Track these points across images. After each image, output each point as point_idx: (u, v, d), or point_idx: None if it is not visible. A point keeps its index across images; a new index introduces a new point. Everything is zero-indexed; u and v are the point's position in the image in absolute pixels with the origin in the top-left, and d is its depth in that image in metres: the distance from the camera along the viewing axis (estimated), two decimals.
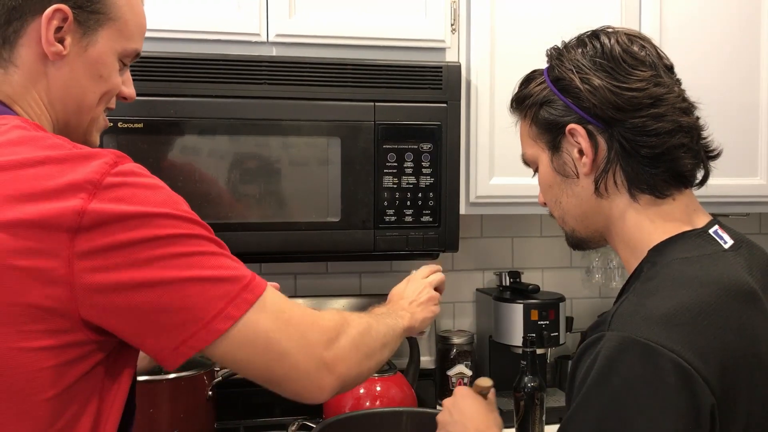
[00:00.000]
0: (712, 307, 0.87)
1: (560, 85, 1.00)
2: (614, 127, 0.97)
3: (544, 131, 1.03)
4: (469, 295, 2.23)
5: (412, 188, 1.72)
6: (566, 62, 1.01)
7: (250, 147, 1.66)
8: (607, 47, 0.99)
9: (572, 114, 0.99)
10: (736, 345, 0.86)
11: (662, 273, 0.92)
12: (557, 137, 1.02)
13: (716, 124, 1.05)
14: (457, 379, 2.05)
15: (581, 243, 1.08)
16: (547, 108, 1.02)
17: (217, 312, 0.85)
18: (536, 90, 1.04)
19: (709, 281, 0.90)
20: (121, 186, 0.82)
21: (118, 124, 1.58)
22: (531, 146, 1.07)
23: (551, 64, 1.04)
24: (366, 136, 1.69)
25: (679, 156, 0.97)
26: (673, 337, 0.83)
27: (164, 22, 1.64)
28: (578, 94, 0.98)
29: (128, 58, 1.00)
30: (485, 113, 1.81)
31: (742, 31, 1.97)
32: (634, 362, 0.83)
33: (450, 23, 1.79)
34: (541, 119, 1.03)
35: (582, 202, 1.02)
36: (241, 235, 1.65)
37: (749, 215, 2.31)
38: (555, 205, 1.07)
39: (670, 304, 0.87)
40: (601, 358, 0.85)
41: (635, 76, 0.97)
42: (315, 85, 1.67)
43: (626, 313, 0.89)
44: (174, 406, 1.62)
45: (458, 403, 1.22)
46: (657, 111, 0.96)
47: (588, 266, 2.26)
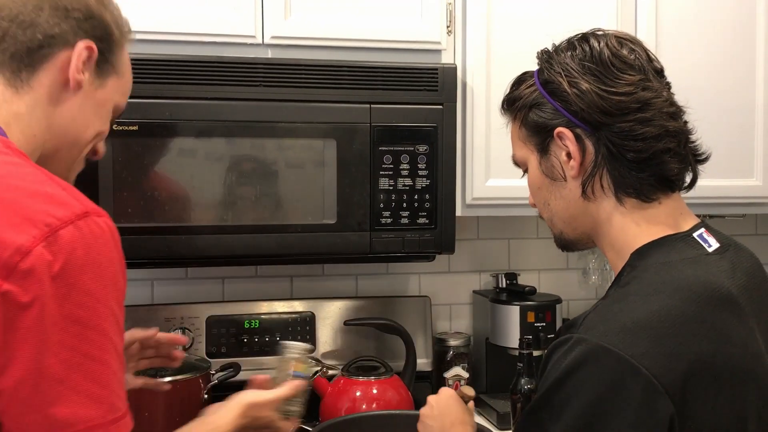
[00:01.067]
0: (683, 314, 0.88)
1: (549, 88, 1.01)
2: (601, 131, 0.98)
3: (533, 134, 1.04)
4: (466, 297, 2.22)
5: (408, 190, 1.72)
6: (555, 65, 1.01)
7: (245, 149, 1.65)
8: (596, 51, 0.99)
9: (560, 117, 1.00)
10: (704, 352, 0.87)
11: (639, 278, 0.94)
12: (546, 140, 1.03)
13: (712, 125, 1.05)
14: (454, 382, 2.04)
15: (569, 245, 1.09)
16: (536, 111, 1.03)
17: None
18: (526, 92, 1.05)
19: (683, 286, 0.91)
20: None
21: (113, 127, 1.57)
22: (521, 148, 1.08)
23: (541, 67, 1.05)
24: (362, 138, 1.69)
25: (666, 160, 0.97)
26: (638, 345, 0.84)
27: (159, 24, 1.63)
28: (566, 97, 0.99)
29: (117, 113, 1.11)
30: (481, 115, 1.81)
31: (738, 32, 1.97)
32: (599, 371, 0.84)
33: (446, 25, 1.78)
34: (530, 122, 1.04)
35: (569, 205, 1.03)
36: (236, 237, 1.65)
37: (745, 216, 2.31)
38: (544, 207, 1.08)
39: (641, 311, 0.88)
40: (568, 361, 0.86)
41: (623, 80, 0.97)
42: (310, 87, 1.66)
43: (597, 318, 0.90)
44: (169, 409, 1.61)
45: (441, 400, 1.26)
46: (644, 115, 0.96)
47: (585, 268, 2.26)
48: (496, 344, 2.03)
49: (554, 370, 0.88)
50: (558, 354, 0.89)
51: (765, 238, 2.46)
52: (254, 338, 1.94)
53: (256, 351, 1.94)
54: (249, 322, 1.95)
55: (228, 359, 1.87)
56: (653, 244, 0.97)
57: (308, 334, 1.98)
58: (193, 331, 1.91)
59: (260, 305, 1.99)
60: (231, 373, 1.73)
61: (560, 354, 0.89)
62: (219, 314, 1.94)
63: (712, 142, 1.09)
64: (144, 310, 1.92)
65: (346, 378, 1.81)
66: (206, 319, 1.93)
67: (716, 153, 1.10)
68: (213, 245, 1.64)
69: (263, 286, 2.08)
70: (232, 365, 1.76)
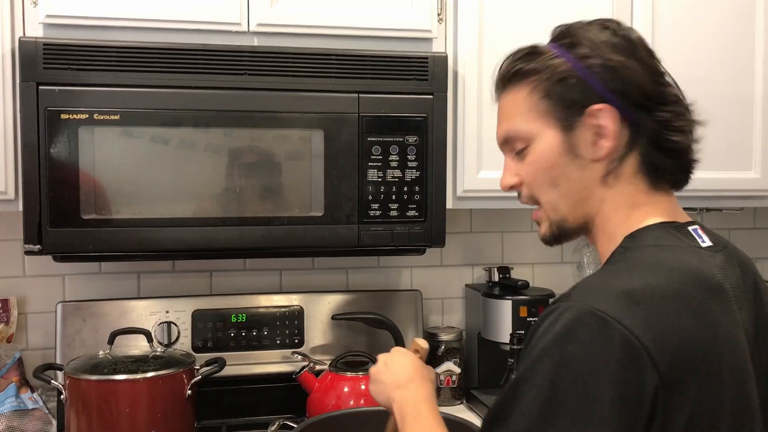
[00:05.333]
0: (676, 292, 0.86)
1: (587, 63, 0.95)
2: (641, 116, 0.95)
3: (560, 108, 0.96)
4: (458, 290, 2.19)
5: (398, 182, 1.68)
6: (588, 42, 0.96)
7: (231, 140, 1.61)
8: (626, 32, 0.97)
9: (595, 95, 0.94)
10: (693, 332, 0.85)
11: (632, 256, 0.92)
12: (574, 117, 0.96)
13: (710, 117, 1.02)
14: (446, 377, 2.01)
15: (565, 234, 1.03)
16: (565, 85, 0.95)
17: None
18: (551, 64, 0.97)
19: (677, 267, 0.89)
20: None
21: (94, 116, 1.54)
22: (529, 122, 0.99)
23: (570, 41, 0.98)
24: (350, 129, 1.65)
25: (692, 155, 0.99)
26: (629, 313, 0.82)
27: (142, 11, 1.59)
28: (610, 75, 0.94)
29: None
30: (473, 105, 1.77)
31: (737, 23, 1.93)
32: (586, 333, 0.82)
33: (437, 13, 1.74)
34: (557, 95, 0.96)
35: (583, 188, 0.98)
36: (221, 230, 1.61)
37: (743, 209, 2.27)
38: (548, 189, 1.00)
39: (634, 283, 0.86)
40: (558, 327, 0.84)
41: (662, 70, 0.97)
42: (297, 76, 1.62)
43: (588, 286, 0.89)
44: (152, 405, 1.58)
45: (393, 356, 1.18)
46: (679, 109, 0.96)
47: (579, 262, 2.23)
48: (488, 339, 1.99)
49: (543, 338, 0.85)
50: (546, 323, 0.86)
51: (763, 232, 2.43)
52: (241, 332, 1.91)
53: (243, 346, 1.91)
54: (236, 316, 1.91)
55: (214, 354, 1.84)
56: (648, 228, 0.96)
57: (297, 329, 1.95)
58: (179, 324, 1.88)
59: (248, 299, 1.95)
60: (215, 369, 1.70)
61: (546, 324, 0.86)
62: (205, 308, 1.91)
63: (710, 135, 1.07)
64: (130, 303, 1.89)
65: (333, 373, 1.78)
66: (192, 312, 1.89)
67: (714, 146, 1.08)
68: (199, 238, 1.61)
69: (252, 280, 2.04)
70: (217, 360, 1.73)
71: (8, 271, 1.91)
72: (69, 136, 1.52)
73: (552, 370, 0.82)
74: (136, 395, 1.57)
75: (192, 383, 1.65)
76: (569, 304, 0.85)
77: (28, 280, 1.92)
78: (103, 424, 1.55)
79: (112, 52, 1.55)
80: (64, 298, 1.92)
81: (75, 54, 1.53)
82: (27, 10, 1.57)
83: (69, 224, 1.54)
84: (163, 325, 1.87)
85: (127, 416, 1.55)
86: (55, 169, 1.53)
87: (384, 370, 1.16)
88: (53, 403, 1.77)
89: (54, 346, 1.84)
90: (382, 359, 1.20)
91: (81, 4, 1.57)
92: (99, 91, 1.54)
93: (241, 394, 1.91)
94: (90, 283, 1.95)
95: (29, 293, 1.92)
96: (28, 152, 1.52)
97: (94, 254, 1.59)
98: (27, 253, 1.54)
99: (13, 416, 1.71)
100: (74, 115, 1.53)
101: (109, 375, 1.58)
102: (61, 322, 1.83)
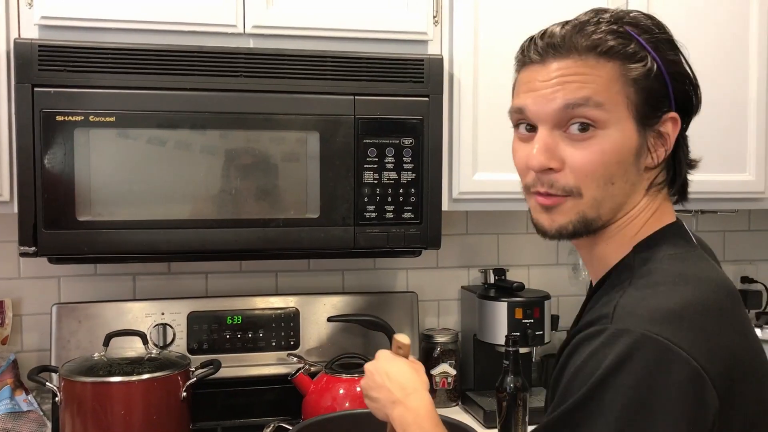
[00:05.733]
0: (715, 305, 0.84)
1: (671, 69, 0.92)
2: (686, 127, 0.95)
3: (648, 106, 0.90)
4: (454, 292, 2.19)
5: (393, 184, 1.68)
6: (664, 41, 0.93)
7: (226, 142, 1.61)
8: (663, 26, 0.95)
9: (669, 101, 0.92)
10: (736, 345, 0.84)
11: (658, 269, 0.88)
12: (654, 118, 0.91)
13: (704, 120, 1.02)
14: (441, 379, 2.01)
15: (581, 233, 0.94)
16: (657, 83, 0.91)
17: None
18: (646, 57, 0.90)
19: (704, 278, 0.87)
20: None
21: (90, 118, 1.54)
22: (616, 104, 0.89)
23: (651, 38, 0.92)
24: (346, 131, 1.65)
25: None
26: (685, 335, 0.79)
27: (137, 13, 1.59)
28: (687, 88, 0.93)
29: None
30: (468, 107, 1.77)
31: (731, 27, 1.94)
32: (649, 362, 0.78)
33: (432, 15, 1.75)
34: (650, 91, 0.90)
35: (632, 192, 0.92)
36: (217, 232, 1.61)
37: (738, 212, 2.28)
38: (600, 185, 0.90)
39: (677, 300, 0.82)
40: (614, 353, 0.79)
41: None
42: (293, 78, 1.62)
43: (632, 307, 0.83)
44: (147, 407, 1.57)
45: (381, 366, 1.14)
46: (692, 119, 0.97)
47: (575, 263, 2.23)
48: (483, 341, 1.99)
49: (592, 365, 0.80)
50: (589, 348, 0.81)
51: (758, 234, 2.44)
52: (237, 334, 1.91)
53: (239, 347, 1.91)
54: (231, 317, 1.91)
55: (210, 356, 1.84)
56: (656, 235, 0.94)
57: (292, 331, 1.95)
58: (175, 326, 1.88)
59: (243, 301, 1.95)
60: (211, 371, 1.70)
61: (593, 348, 0.81)
62: (201, 310, 1.91)
63: (705, 138, 1.08)
64: (125, 304, 1.89)
65: (329, 375, 1.77)
66: (188, 314, 1.89)
67: (709, 148, 1.08)
68: (194, 239, 1.61)
69: (248, 282, 2.04)
70: (212, 362, 1.73)
71: (3, 273, 1.91)
72: (64, 138, 1.52)
73: (616, 400, 0.78)
74: (131, 397, 1.57)
75: (187, 385, 1.65)
76: (620, 328, 0.81)
77: (23, 281, 1.92)
78: (98, 427, 1.55)
79: (107, 53, 1.55)
80: (59, 300, 1.92)
81: (70, 56, 1.52)
82: (22, 12, 1.56)
83: (64, 226, 1.54)
84: (159, 326, 1.86)
85: (122, 418, 1.55)
86: (51, 171, 1.52)
87: (375, 386, 1.13)
88: (48, 406, 1.77)
89: (49, 348, 1.83)
90: (370, 370, 1.16)
91: (76, 5, 1.57)
92: (94, 93, 1.54)
93: (237, 396, 1.91)
94: (85, 285, 1.95)
95: (24, 295, 1.92)
96: (24, 154, 1.51)
97: (89, 256, 1.59)
98: (22, 255, 1.53)
99: (7, 418, 1.71)
100: (70, 117, 1.53)
101: (104, 377, 1.58)
102: (56, 324, 1.83)
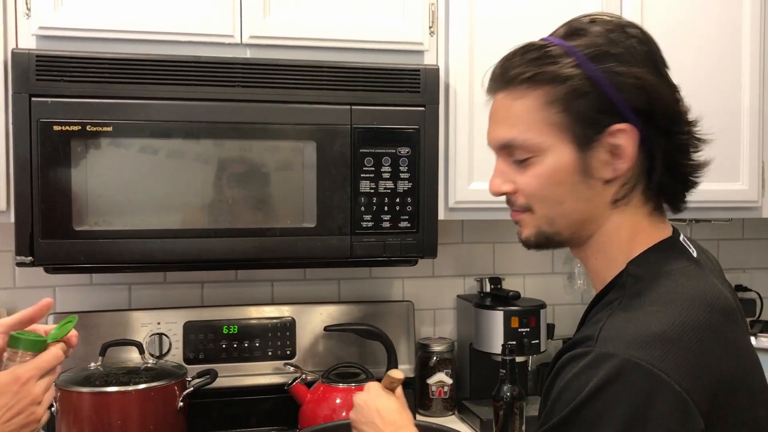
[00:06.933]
0: (705, 325, 0.83)
1: (614, 80, 0.87)
2: (661, 139, 0.89)
3: (579, 124, 0.89)
4: (450, 301, 2.20)
5: (390, 193, 1.69)
6: (609, 49, 0.88)
7: (223, 151, 1.62)
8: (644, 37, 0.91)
9: (618, 114, 0.87)
10: (725, 365, 0.83)
11: (649, 288, 0.87)
12: (592, 135, 0.89)
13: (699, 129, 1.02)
14: (437, 388, 2.01)
15: (549, 245, 0.97)
16: (587, 100, 0.87)
17: None
18: (572, 75, 0.88)
19: (695, 297, 0.86)
20: None
21: (87, 128, 1.54)
22: (542, 134, 0.90)
23: (594, 51, 0.89)
24: (342, 140, 1.66)
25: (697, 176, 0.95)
26: (668, 358, 0.79)
27: (135, 24, 1.60)
28: (638, 95, 0.87)
29: None
30: (464, 117, 1.78)
31: (724, 36, 1.96)
32: (631, 387, 0.78)
33: (428, 25, 1.76)
34: (577, 110, 0.88)
35: (590, 208, 0.92)
36: (214, 241, 1.61)
37: (732, 221, 2.29)
38: (549, 205, 0.93)
39: (663, 322, 0.82)
40: (596, 377, 0.79)
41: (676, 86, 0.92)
42: (290, 88, 1.63)
43: (617, 329, 0.83)
44: (143, 417, 1.57)
45: (369, 401, 1.20)
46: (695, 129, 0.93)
47: (570, 272, 2.24)
48: (479, 350, 2.00)
49: (575, 387, 0.80)
50: (574, 368, 0.82)
51: (751, 243, 2.45)
52: (233, 344, 1.91)
53: (235, 357, 1.90)
54: (228, 327, 1.91)
55: (206, 365, 1.84)
56: (649, 252, 0.92)
57: (288, 340, 1.95)
58: (171, 336, 1.88)
59: (239, 310, 1.95)
60: (207, 380, 1.70)
61: (578, 369, 0.81)
62: (197, 319, 1.90)
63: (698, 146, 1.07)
64: (121, 314, 1.89)
65: (325, 385, 1.77)
66: (184, 324, 1.89)
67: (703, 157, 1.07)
68: (190, 249, 1.61)
69: (244, 291, 2.04)
70: (209, 372, 1.73)
71: None
72: (61, 148, 1.52)
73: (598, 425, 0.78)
74: (128, 407, 1.56)
75: (184, 395, 1.65)
76: (604, 352, 0.81)
77: (19, 291, 1.92)
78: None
79: (105, 64, 1.55)
80: (54, 310, 1.91)
81: (68, 66, 1.53)
82: (20, 22, 1.57)
83: (61, 236, 1.53)
84: (155, 336, 1.86)
85: (119, 428, 1.54)
86: (48, 181, 1.52)
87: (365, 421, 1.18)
88: None
89: None
90: (359, 404, 1.21)
91: (74, 16, 1.57)
92: (92, 103, 1.54)
93: (233, 406, 1.90)
94: (81, 295, 1.94)
95: (20, 305, 1.91)
96: (21, 164, 1.51)
97: (85, 266, 1.59)
98: (19, 264, 1.53)
99: None
100: (67, 127, 1.53)
101: (100, 387, 1.57)
102: None
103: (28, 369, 0.96)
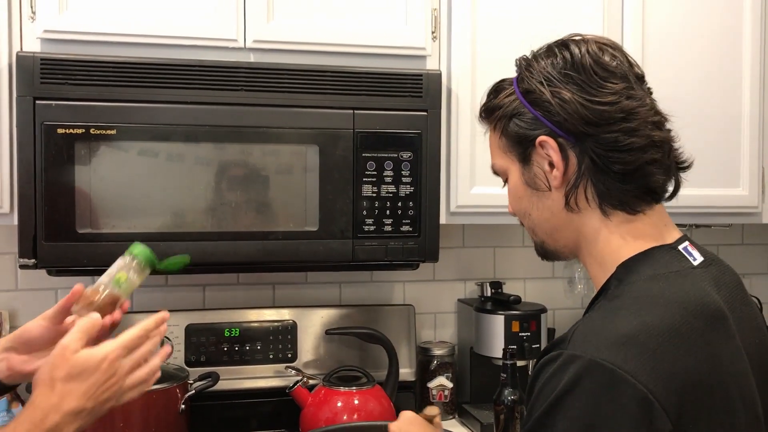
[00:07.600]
0: (676, 329, 0.85)
1: (530, 98, 0.98)
2: (585, 142, 0.94)
3: (514, 144, 1.01)
4: (451, 305, 2.20)
5: (392, 197, 1.70)
6: (536, 73, 0.98)
7: (226, 155, 1.62)
8: (578, 57, 0.96)
9: (542, 127, 0.97)
10: (698, 369, 0.84)
11: (628, 291, 0.91)
12: (527, 150, 0.99)
13: (698, 134, 1.03)
14: (438, 392, 2.02)
15: (550, 255, 1.06)
16: (516, 120, 0.99)
17: None
18: (506, 101, 1.01)
19: (674, 300, 0.88)
20: None
21: (91, 131, 1.55)
22: (501, 157, 1.05)
23: (520, 75, 1.01)
24: (345, 144, 1.66)
25: (652, 171, 0.95)
26: (635, 360, 0.81)
27: (139, 27, 1.61)
28: (548, 107, 0.96)
29: None
30: (466, 122, 1.79)
31: (725, 41, 1.96)
32: (595, 388, 0.81)
33: (431, 31, 1.77)
34: (511, 132, 1.01)
35: (553, 216, 1.00)
36: (217, 244, 1.62)
37: (732, 226, 2.30)
38: (525, 217, 1.05)
39: (634, 325, 0.85)
40: (563, 380, 0.82)
41: (607, 89, 0.94)
42: (293, 92, 1.64)
43: (588, 332, 0.87)
44: (145, 420, 1.58)
45: (404, 428, 1.23)
46: (629, 126, 0.93)
47: (571, 277, 2.24)
48: (480, 354, 2.00)
49: (547, 390, 0.84)
50: (548, 372, 0.85)
51: (751, 248, 2.46)
52: (234, 347, 1.91)
53: (237, 360, 1.91)
54: (229, 330, 1.91)
55: (208, 368, 1.84)
56: (639, 257, 0.94)
57: (290, 343, 1.95)
58: (173, 339, 1.88)
59: (241, 313, 1.96)
60: (209, 383, 1.70)
61: (550, 372, 0.85)
62: (199, 322, 1.91)
63: (699, 151, 1.07)
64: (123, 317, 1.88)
65: (327, 388, 1.78)
66: (186, 327, 1.89)
67: (702, 162, 1.07)
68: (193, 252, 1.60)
69: (245, 294, 2.05)
70: (211, 375, 1.73)
71: (1, 285, 1.91)
72: (65, 151, 1.53)
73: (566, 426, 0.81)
74: (130, 410, 1.56)
75: (185, 398, 1.65)
76: (572, 354, 0.84)
77: (21, 293, 1.92)
78: None
79: (109, 67, 1.56)
80: None
81: (72, 69, 1.54)
82: (25, 25, 1.58)
83: (64, 238, 1.54)
84: None
85: (121, 431, 1.54)
86: (51, 183, 1.53)
87: None
88: None
89: None
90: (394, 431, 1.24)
91: (78, 19, 1.58)
92: (96, 106, 1.55)
93: (235, 409, 1.91)
94: None
95: (21, 307, 1.92)
96: (24, 166, 1.52)
97: (88, 268, 1.59)
98: (22, 266, 1.54)
99: None
100: (71, 130, 1.53)
101: None
102: None
103: (114, 348, 1.03)
